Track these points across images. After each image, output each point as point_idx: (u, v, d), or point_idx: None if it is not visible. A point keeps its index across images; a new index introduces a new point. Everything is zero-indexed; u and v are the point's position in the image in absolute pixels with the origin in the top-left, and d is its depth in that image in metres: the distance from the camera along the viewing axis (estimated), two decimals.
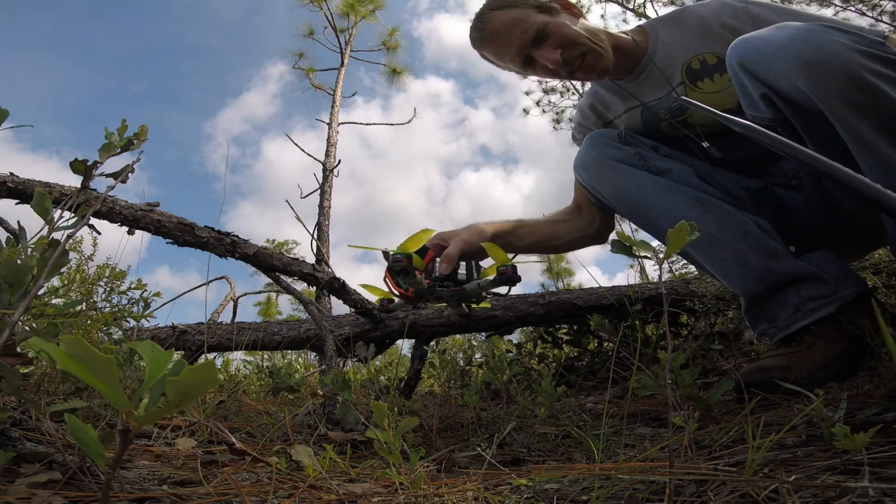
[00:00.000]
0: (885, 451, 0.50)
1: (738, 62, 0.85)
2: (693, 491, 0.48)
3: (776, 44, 0.79)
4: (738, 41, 0.86)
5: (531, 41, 1.13)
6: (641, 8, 6.83)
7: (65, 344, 0.31)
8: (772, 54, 0.79)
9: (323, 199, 6.08)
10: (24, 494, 0.45)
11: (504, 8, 1.16)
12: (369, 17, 7.50)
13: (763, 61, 0.81)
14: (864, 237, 1.09)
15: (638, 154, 1.14)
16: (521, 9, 1.14)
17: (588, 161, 1.19)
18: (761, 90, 0.83)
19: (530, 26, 1.12)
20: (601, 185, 1.17)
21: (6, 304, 0.57)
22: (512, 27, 1.14)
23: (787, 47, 0.78)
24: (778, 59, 0.79)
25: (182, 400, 0.33)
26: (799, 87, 0.77)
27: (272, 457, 0.68)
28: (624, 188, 1.13)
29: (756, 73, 0.82)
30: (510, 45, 1.16)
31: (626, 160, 1.13)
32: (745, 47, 0.84)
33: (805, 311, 0.95)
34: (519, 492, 0.56)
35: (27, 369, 0.96)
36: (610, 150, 1.16)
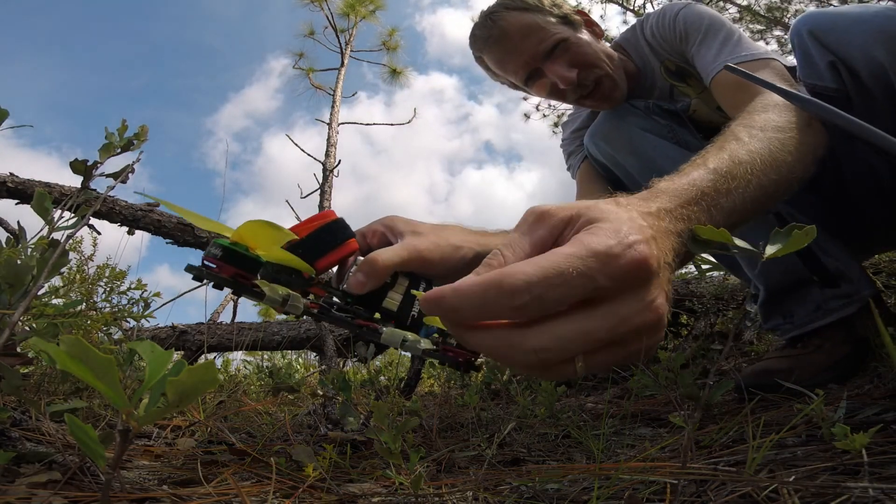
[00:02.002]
0: (885, 452, 0.50)
1: (807, 30, 0.82)
2: (693, 491, 0.48)
3: (855, 16, 0.79)
4: (809, 13, 0.84)
5: (545, 53, 1.02)
6: (642, 9, 6.83)
7: (65, 344, 0.31)
8: (848, 25, 0.79)
9: (323, 200, 6.08)
10: (24, 494, 0.45)
11: (522, 10, 1.03)
12: (369, 18, 7.50)
13: (836, 31, 0.80)
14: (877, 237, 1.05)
15: (668, 126, 1.03)
16: (542, 15, 1.03)
17: (609, 129, 1.04)
18: (829, 58, 0.80)
19: (549, 36, 1.01)
20: (625, 156, 1.02)
21: (6, 305, 0.57)
22: (528, 33, 1.01)
23: (867, 20, 0.77)
24: (854, 31, 0.78)
25: (182, 400, 0.33)
26: (876, 58, 0.76)
27: (272, 457, 0.68)
28: (652, 160, 0.98)
29: (826, 41, 0.80)
30: (520, 52, 1.03)
31: (654, 131, 1.01)
32: (817, 16, 0.82)
33: (827, 310, 0.91)
34: (519, 492, 0.56)
35: (27, 369, 0.96)
36: (636, 118, 1.03)
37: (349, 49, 7.48)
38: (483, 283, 0.34)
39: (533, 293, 0.33)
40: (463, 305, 0.35)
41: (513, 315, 0.35)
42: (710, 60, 0.95)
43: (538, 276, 0.33)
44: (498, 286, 0.34)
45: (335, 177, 6.23)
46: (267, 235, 0.49)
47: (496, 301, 0.34)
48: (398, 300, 0.58)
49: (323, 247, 0.58)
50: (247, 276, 0.49)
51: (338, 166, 6.28)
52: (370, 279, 0.56)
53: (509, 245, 0.38)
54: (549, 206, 0.39)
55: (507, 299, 0.34)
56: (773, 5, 6.24)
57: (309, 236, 0.57)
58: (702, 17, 1.00)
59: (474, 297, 0.34)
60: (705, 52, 0.96)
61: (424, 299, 0.36)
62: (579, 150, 1.21)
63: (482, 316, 0.35)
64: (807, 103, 0.59)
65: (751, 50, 0.92)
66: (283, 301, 0.51)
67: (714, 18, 0.99)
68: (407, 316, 0.57)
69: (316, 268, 0.56)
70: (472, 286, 0.34)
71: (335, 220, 0.59)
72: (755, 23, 6.19)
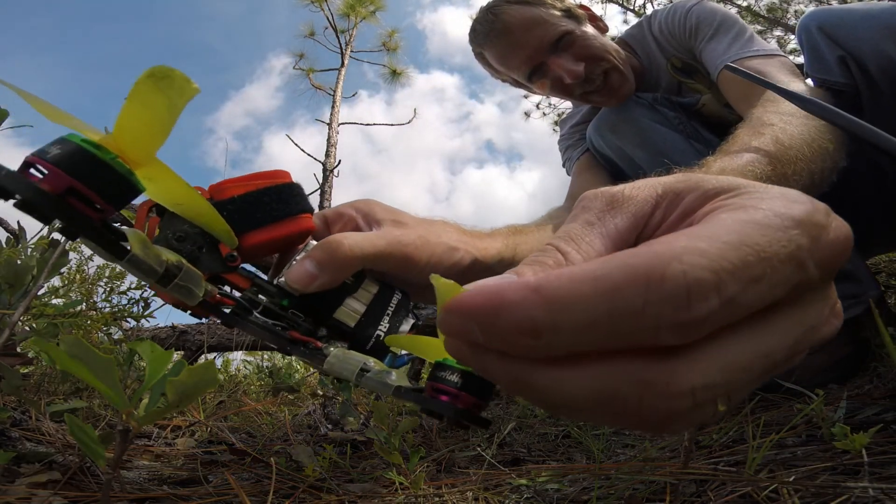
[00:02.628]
0: (885, 452, 0.50)
1: (816, 25, 0.82)
2: (693, 491, 0.48)
3: (863, 13, 0.79)
4: (816, 9, 0.84)
5: (550, 46, 0.99)
6: (642, 9, 6.83)
7: (65, 344, 0.31)
8: (857, 21, 0.79)
9: (323, 200, 6.08)
10: (24, 494, 0.45)
11: (524, 4, 1.00)
12: (370, 18, 7.50)
13: (846, 26, 0.80)
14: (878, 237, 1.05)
15: (678, 118, 1.00)
16: (545, 8, 1.00)
17: (616, 120, 1.01)
18: (839, 53, 0.81)
19: (553, 28, 0.99)
20: (633, 148, 0.98)
21: (6, 305, 0.57)
22: (531, 26, 0.99)
23: (876, 16, 0.78)
24: (864, 26, 0.78)
25: (182, 400, 0.33)
26: (885, 53, 0.76)
27: (272, 457, 0.68)
28: (662, 152, 0.95)
29: (836, 35, 0.81)
30: (524, 45, 1.00)
31: (664, 122, 0.99)
32: (825, 12, 0.83)
33: None
34: (519, 492, 0.55)
35: (27, 369, 0.96)
36: (644, 110, 1.00)
37: (349, 49, 7.48)
38: (614, 278, 0.18)
39: (725, 292, 0.18)
40: (564, 319, 0.18)
41: (654, 336, 0.18)
42: (719, 54, 0.94)
43: (731, 261, 0.18)
44: (653, 279, 0.18)
45: (335, 177, 6.23)
46: (151, 134, 0.28)
47: (642, 308, 0.18)
48: (359, 312, 0.40)
49: (261, 215, 0.39)
50: (102, 208, 0.28)
51: (338, 166, 6.28)
52: (324, 272, 0.39)
53: (569, 238, 0.24)
54: (622, 187, 0.26)
55: (669, 305, 0.18)
56: (774, 5, 6.25)
57: (242, 197, 0.39)
58: (714, 13, 1.00)
59: (593, 301, 0.18)
60: (715, 46, 0.96)
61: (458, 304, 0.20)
62: (579, 144, 1.19)
63: (592, 338, 0.19)
64: (808, 103, 0.59)
65: (761, 46, 0.93)
66: (166, 274, 0.31)
67: (727, 15, 1.00)
68: (369, 337, 0.40)
69: (243, 244, 0.38)
70: (583, 282, 0.18)
71: (287, 184, 0.41)
72: (756, 23, 6.19)
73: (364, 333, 0.40)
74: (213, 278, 0.37)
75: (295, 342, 0.37)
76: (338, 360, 0.35)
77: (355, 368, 0.34)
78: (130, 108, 0.27)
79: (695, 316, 0.18)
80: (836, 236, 0.21)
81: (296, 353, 0.37)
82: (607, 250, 0.24)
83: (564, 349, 0.19)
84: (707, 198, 0.24)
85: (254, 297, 0.38)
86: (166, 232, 0.36)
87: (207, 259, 0.37)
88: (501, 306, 0.19)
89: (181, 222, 0.36)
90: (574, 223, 0.26)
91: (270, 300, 0.39)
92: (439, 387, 0.28)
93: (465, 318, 0.20)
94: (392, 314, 0.42)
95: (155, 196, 0.32)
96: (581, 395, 0.20)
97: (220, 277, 0.38)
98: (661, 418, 0.20)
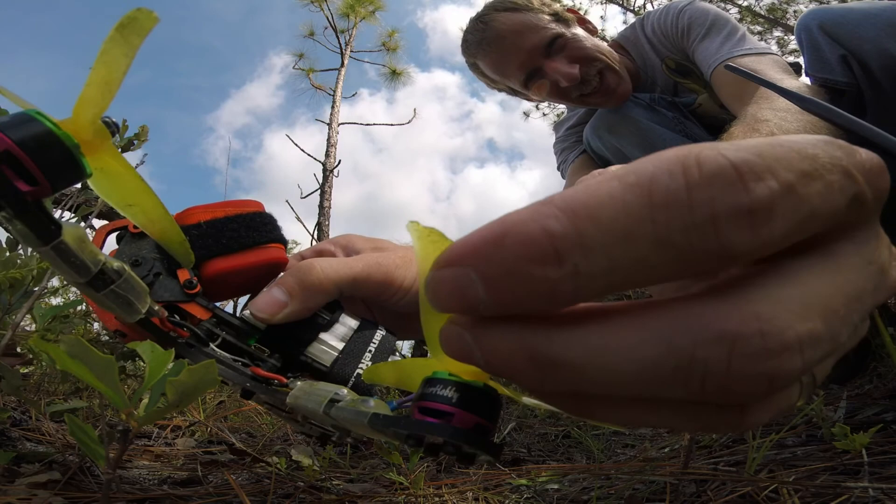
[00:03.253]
0: (885, 452, 0.50)
1: (817, 24, 0.82)
2: (693, 491, 0.48)
3: (864, 11, 0.79)
4: (816, 8, 0.84)
5: (543, 49, 1.00)
6: (642, 10, 6.83)
7: (65, 344, 0.31)
8: (859, 19, 0.79)
9: (323, 200, 6.09)
10: (24, 494, 0.45)
11: (513, 10, 1.01)
12: (369, 18, 7.50)
13: (847, 25, 0.80)
14: None
15: (676, 118, 1.00)
16: (534, 13, 1.01)
17: (614, 120, 1.00)
18: (840, 52, 0.81)
19: (545, 32, 0.99)
20: (631, 149, 0.98)
21: (6, 305, 0.57)
22: (522, 30, 1.00)
23: (878, 15, 0.78)
24: (866, 25, 0.78)
25: (182, 400, 0.33)
26: (888, 51, 0.77)
27: (272, 457, 0.68)
28: None
29: (838, 34, 0.81)
30: (517, 51, 1.01)
31: (662, 123, 0.99)
32: (826, 11, 0.83)
33: None
34: (519, 492, 0.56)
35: (27, 369, 0.96)
36: (642, 110, 1.00)
37: (349, 49, 7.49)
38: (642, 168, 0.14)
39: (779, 175, 0.14)
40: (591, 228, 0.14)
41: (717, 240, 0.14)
42: (711, 53, 0.94)
43: (772, 151, 0.15)
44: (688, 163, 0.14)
45: (335, 177, 6.24)
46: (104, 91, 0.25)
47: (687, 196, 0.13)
48: (337, 349, 0.35)
49: (226, 242, 0.36)
50: (39, 182, 0.24)
51: (338, 167, 6.29)
52: (294, 299, 0.35)
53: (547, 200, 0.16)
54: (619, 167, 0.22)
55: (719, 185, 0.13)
56: (774, 6, 6.25)
57: (209, 222, 0.36)
58: (707, 12, 1.00)
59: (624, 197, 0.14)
60: (707, 45, 0.96)
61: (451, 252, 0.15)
62: (574, 147, 1.19)
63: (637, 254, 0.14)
64: (806, 101, 0.58)
65: (753, 45, 0.93)
66: (101, 276, 0.27)
67: (719, 15, 1.00)
68: (348, 376, 0.35)
69: (206, 272, 0.35)
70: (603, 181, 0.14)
71: (259, 213, 0.39)
72: (755, 23, 6.20)
73: (342, 373, 0.35)
74: (171, 308, 0.34)
75: (257, 379, 0.32)
76: (302, 393, 0.29)
77: (324, 399, 0.28)
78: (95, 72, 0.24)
79: (758, 196, 0.13)
80: (868, 155, 0.17)
81: (258, 391, 0.32)
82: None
83: (602, 283, 0.14)
84: None
85: (212, 328, 0.34)
86: (122, 256, 0.34)
87: (163, 286, 0.34)
88: (506, 230, 0.14)
89: (137, 247, 0.34)
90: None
91: (233, 333, 0.35)
92: (429, 405, 0.20)
93: (460, 268, 0.14)
94: (375, 352, 0.36)
95: (104, 192, 0.28)
96: (633, 370, 0.14)
97: (178, 307, 0.34)
98: (760, 391, 0.14)
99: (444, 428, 0.20)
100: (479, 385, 0.21)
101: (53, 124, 0.24)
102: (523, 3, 1.03)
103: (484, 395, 0.21)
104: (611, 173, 0.15)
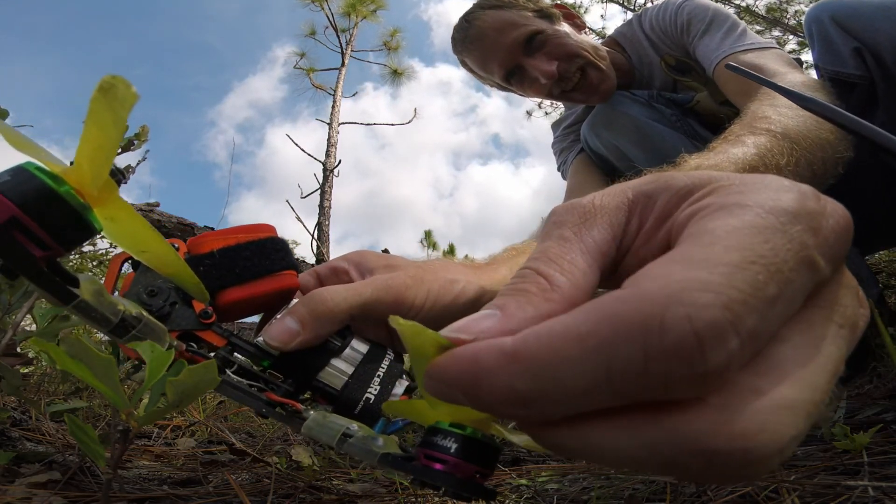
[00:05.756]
0: (885, 452, 0.50)
1: (829, 16, 0.81)
2: (693, 491, 0.48)
3: (877, 4, 0.79)
4: (825, 1, 0.83)
5: (522, 47, 1.00)
6: (641, 9, 6.82)
7: (65, 344, 0.31)
8: (872, 12, 0.78)
9: (323, 199, 6.09)
10: (23, 494, 0.45)
11: (497, 8, 1.02)
12: (371, 17, 7.50)
13: (862, 17, 0.79)
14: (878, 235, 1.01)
15: (674, 115, 0.99)
16: (518, 10, 1.02)
17: (612, 117, 0.99)
18: (853, 44, 0.80)
19: (525, 28, 1.00)
20: (630, 145, 0.97)
21: (6, 305, 0.57)
22: (504, 28, 1.00)
23: (892, 7, 0.77)
24: (880, 17, 0.78)
25: (182, 400, 0.33)
26: None
27: (272, 457, 0.68)
28: (661, 150, 0.93)
29: (851, 27, 0.80)
30: (498, 49, 1.02)
31: (660, 120, 0.98)
32: (837, 3, 0.82)
33: None
34: (519, 492, 0.55)
35: (27, 369, 0.96)
36: (640, 107, 0.98)
37: (350, 49, 7.48)
38: (603, 335, 0.15)
39: (744, 327, 0.15)
40: (552, 387, 0.16)
41: (668, 393, 0.15)
42: (713, 48, 0.94)
43: (741, 288, 0.15)
44: (651, 331, 0.14)
45: (335, 177, 6.24)
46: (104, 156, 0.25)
47: (644, 367, 0.15)
48: (346, 373, 0.37)
49: (240, 271, 0.37)
50: (49, 246, 0.25)
51: (338, 166, 6.29)
52: (306, 328, 0.36)
53: (548, 259, 0.21)
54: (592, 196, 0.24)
55: (677, 359, 0.14)
56: (773, 6, 6.25)
57: (221, 251, 0.37)
58: (706, 8, 1.00)
59: (583, 364, 0.15)
60: (708, 41, 0.96)
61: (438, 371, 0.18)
62: (573, 147, 1.19)
63: (596, 400, 0.16)
64: (807, 101, 0.58)
65: (754, 40, 0.92)
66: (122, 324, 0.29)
67: (718, 10, 0.99)
68: (357, 401, 0.36)
69: (220, 302, 0.36)
70: (565, 341, 0.16)
71: (271, 238, 0.39)
72: (755, 23, 6.19)
73: (352, 397, 0.36)
74: (187, 335, 0.35)
75: (272, 404, 0.34)
76: (316, 424, 0.32)
77: (336, 433, 0.31)
78: (88, 133, 0.24)
79: (713, 366, 0.14)
80: (836, 221, 0.18)
81: (272, 416, 0.34)
82: (590, 267, 0.21)
83: (567, 413, 0.17)
84: (680, 197, 0.21)
85: (228, 355, 0.36)
86: (138, 287, 0.34)
87: (179, 315, 0.35)
88: (480, 377, 0.17)
89: (155, 277, 0.35)
90: (549, 241, 0.22)
91: (247, 361, 0.36)
92: (433, 454, 0.24)
93: (448, 387, 0.18)
94: (384, 376, 0.38)
95: (116, 238, 0.28)
96: (621, 461, 0.17)
97: (194, 335, 0.36)
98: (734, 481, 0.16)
99: (447, 478, 0.23)
100: (478, 436, 0.23)
101: (65, 188, 0.24)
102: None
103: (482, 445, 0.23)
104: (573, 327, 0.16)
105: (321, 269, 0.46)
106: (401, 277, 0.41)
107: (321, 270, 0.46)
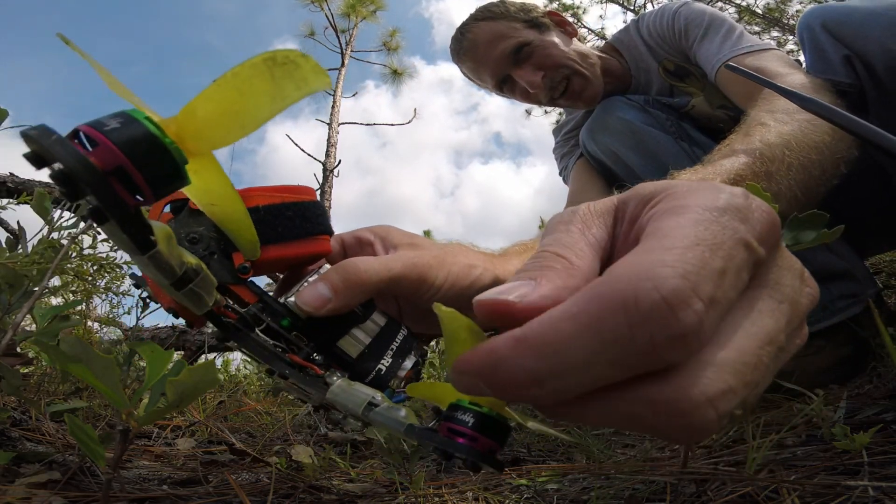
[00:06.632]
0: (885, 452, 0.50)
1: (820, 23, 0.82)
2: (693, 491, 0.48)
3: (868, 11, 0.79)
4: (818, 7, 0.84)
5: (510, 59, 1.04)
6: (642, 9, 6.83)
7: (65, 344, 0.31)
8: (862, 19, 0.79)
9: (323, 199, 6.09)
10: (23, 494, 0.45)
11: (489, 19, 1.06)
12: (370, 18, 7.50)
13: (852, 24, 0.80)
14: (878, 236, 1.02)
15: (669, 120, 1.00)
16: (508, 21, 1.05)
17: (610, 122, 1.00)
18: (844, 52, 0.80)
19: (513, 40, 1.03)
20: (626, 150, 0.98)
21: (6, 305, 0.57)
22: (494, 40, 1.04)
23: (882, 14, 0.77)
24: (870, 24, 0.78)
25: (182, 400, 0.33)
26: (893, 51, 0.76)
27: (272, 457, 0.68)
28: (656, 156, 0.95)
29: (841, 34, 0.80)
30: (487, 60, 1.06)
31: (656, 125, 0.98)
32: (829, 10, 0.82)
33: (833, 310, 0.89)
34: (519, 492, 0.56)
35: (27, 369, 0.96)
36: (636, 112, 0.99)
37: (350, 49, 7.48)
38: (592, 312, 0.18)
39: (703, 291, 0.18)
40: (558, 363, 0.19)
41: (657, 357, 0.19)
42: (713, 52, 0.95)
43: (693, 262, 0.19)
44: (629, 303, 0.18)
45: (335, 177, 6.24)
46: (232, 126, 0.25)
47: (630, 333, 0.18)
48: (364, 343, 0.38)
49: (282, 230, 0.38)
50: (144, 195, 0.24)
51: (338, 166, 6.29)
52: (338, 296, 0.37)
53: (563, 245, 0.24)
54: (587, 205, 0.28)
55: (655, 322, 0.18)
56: (772, 6, 6.25)
57: (266, 208, 0.37)
58: (703, 13, 1.01)
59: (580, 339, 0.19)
60: (708, 46, 0.96)
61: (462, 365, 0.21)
62: (573, 152, 1.20)
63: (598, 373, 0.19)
64: (807, 101, 0.58)
65: (753, 42, 0.93)
66: (183, 277, 0.29)
67: (715, 14, 1.00)
68: (369, 370, 0.38)
69: (259, 258, 0.37)
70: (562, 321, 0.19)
71: (313, 202, 0.40)
72: (754, 23, 6.20)
73: (364, 366, 0.38)
74: (220, 288, 0.34)
75: (294, 366, 0.35)
76: (342, 391, 0.33)
77: (363, 402, 0.32)
78: (219, 93, 0.24)
79: (687, 324, 0.18)
80: (761, 213, 0.23)
81: (293, 378, 0.34)
82: (594, 258, 0.25)
83: (576, 390, 0.20)
84: (644, 203, 0.25)
85: (259, 313, 0.35)
86: (179, 232, 0.34)
87: (217, 267, 0.35)
88: (497, 363, 0.20)
89: (196, 223, 0.35)
90: (559, 234, 0.26)
91: (273, 320, 0.36)
92: (456, 428, 0.26)
93: (471, 378, 0.21)
94: (396, 350, 0.40)
95: (192, 192, 0.29)
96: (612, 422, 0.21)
97: (227, 288, 0.35)
98: (691, 433, 0.20)
99: (471, 450, 0.26)
100: (494, 415, 0.26)
101: (169, 140, 0.24)
102: (500, 10, 1.07)
103: (497, 423, 0.26)
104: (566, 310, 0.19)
105: (347, 237, 0.47)
106: (425, 257, 0.43)
107: (347, 239, 0.47)
